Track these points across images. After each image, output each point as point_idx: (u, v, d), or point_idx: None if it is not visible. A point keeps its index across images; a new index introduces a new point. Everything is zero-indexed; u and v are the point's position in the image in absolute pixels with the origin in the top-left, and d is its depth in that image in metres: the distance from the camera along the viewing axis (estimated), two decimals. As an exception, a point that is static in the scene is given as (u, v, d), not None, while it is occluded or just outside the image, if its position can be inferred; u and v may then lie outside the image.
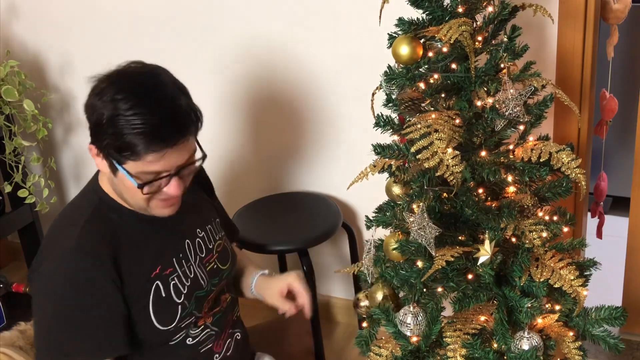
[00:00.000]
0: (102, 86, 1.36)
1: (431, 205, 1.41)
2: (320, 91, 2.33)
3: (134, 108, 1.32)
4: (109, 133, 1.34)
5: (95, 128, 1.38)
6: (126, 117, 1.31)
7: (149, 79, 1.39)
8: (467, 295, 1.46)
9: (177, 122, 1.37)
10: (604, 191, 2.30)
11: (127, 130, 1.32)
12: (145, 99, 1.34)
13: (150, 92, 1.36)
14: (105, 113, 1.33)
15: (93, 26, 2.59)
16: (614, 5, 2.02)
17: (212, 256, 1.63)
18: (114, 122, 1.32)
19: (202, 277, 1.58)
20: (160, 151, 1.34)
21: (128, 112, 1.31)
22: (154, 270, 1.49)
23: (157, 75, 1.40)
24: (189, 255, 1.57)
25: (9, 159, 2.46)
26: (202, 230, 1.63)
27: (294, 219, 2.29)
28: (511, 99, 1.36)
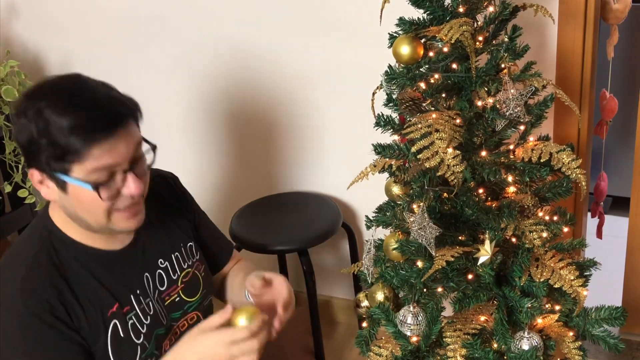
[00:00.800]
0: (23, 105, 1.29)
1: (431, 205, 1.41)
2: (321, 91, 2.33)
3: (61, 110, 1.25)
4: (45, 145, 1.26)
5: (29, 147, 1.29)
6: (56, 122, 1.24)
7: (70, 82, 1.33)
8: (467, 295, 1.46)
9: (111, 111, 1.29)
10: (604, 191, 2.30)
11: (61, 134, 1.24)
12: (71, 99, 1.28)
13: (74, 92, 1.30)
14: (33, 128, 1.26)
15: (93, 26, 2.58)
16: (614, 5, 2.02)
17: (175, 288, 1.52)
18: (45, 133, 1.25)
19: (161, 314, 1.47)
20: (102, 141, 1.26)
21: (56, 116, 1.24)
22: (110, 309, 1.39)
23: (77, 77, 1.35)
24: (148, 291, 1.46)
25: (9, 159, 2.46)
26: (165, 260, 1.52)
27: (294, 219, 2.29)
28: (512, 99, 1.36)
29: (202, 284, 1.57)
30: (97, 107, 1.28)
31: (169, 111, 2.59)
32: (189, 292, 1.54)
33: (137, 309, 1.44)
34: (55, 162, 1.27)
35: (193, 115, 2.57)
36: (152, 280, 1.48)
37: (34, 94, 1.30)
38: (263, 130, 2.49)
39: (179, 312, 1.52)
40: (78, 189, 1.30)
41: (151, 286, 1.47)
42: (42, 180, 1.33)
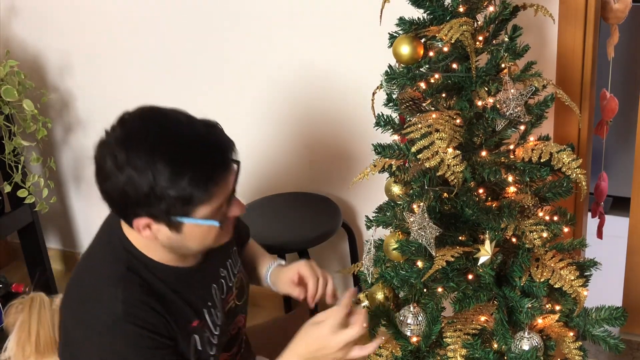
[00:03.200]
0: (124, 155, 1.24)
1: (431, 205, 1.41)
2: (320, 91, 2.33)
3: (179, 162, 1.23)
4: (164, 197, 1.23)
5: (141, 199, 1.25)
6: (176, 174, 1.22)
7: (170, 125, 1.30)
8: (467, 295, 1.46)
9: (222, 150, 1.30)
10: (604, 191, 2.29)
11: (183, 186, 1.23)
12: (184, 147, 1.25)
13: (181, 137, 1.27)
14: (148, 181, 1.22)
15: (93, 26, 2.58)
16: (614, 5, 2.02)
17: (232, 295, 1.55)
18: (165, 185, 1.23)
19: (224, 322, 1.51)
20: (221, 181, 1.28)
21: (175, 169, 1.22)
22: (191, 323, 1.42)
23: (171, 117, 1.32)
24: (215, 301, 1.48)
25: (8, 159, 2.46)
26: (224, 269, 1.54)
27: (294, 219, 2.29)
28: (512, 99, 1.36)
29: (246, 286, 1.62)
30: (211, 151, 1.28)
31: (169, 111, 2.59)
32: (240, 296, 1.58)
33: (209, 322, 1.46)
34: (175, 210, 1.26)
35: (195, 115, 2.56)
36: (218, 290, 1.50)
37: (135, 144, 1.24)
38: (262, 130, 2.48)
39: (233, 317, 1.56)
40: (195, 227, 1.30)
41: (217, 296, 1.49)
42: (149, 225, 1.30)
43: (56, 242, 3.14)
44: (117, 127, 1.30)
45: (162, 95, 2.56)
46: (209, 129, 1.32)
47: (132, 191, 1.24)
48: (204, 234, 1.34)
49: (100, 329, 1.33)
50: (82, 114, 2.76)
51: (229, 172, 1.30)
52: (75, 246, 3.12)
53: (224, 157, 1.30)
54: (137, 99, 2.73)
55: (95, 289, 1.37)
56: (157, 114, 1.32)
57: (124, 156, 1.24)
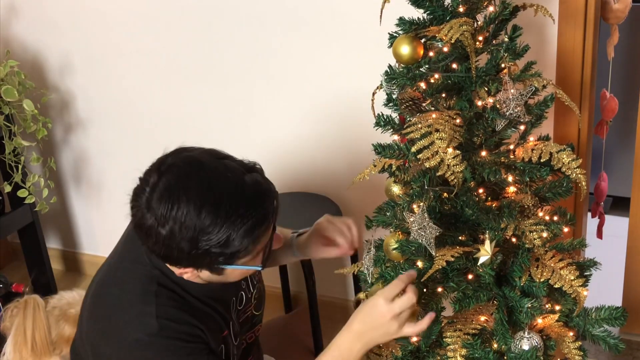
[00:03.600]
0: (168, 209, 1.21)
1: (431, 205, 1.41)
2: (320, 91, 2.33)
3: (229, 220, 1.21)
4: (211, 253, 1.23)
5: (187, 255, 1.24)
6: (224, 231, 1.21)
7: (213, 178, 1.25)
8: (467, 295, 1.46)
9: (265, 199, 1.27)
10: (604, 191, 2.29)
11: (231, 241, 1.22)
12: (232, 204, 1.22)
13: (227, 193, 1.23)
14: (193, 238, 1.21)
15: (93, 26, 2.58)
16: (614, 5, 2.02)
17: (250, 306, 1.55)
18: (214, 241, 1.21)
19: (239, 332, 1.52)
20: (269, 227, 1.28)
21: (223, 227, 1.21)
22: (222, 333, 1.43)
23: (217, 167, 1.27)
24: (232, 313, 1.49)
25: (8, 159, 2.46)
26: (244, 281, 1.53)
27: (294, 219, 2.29)
28: (512, 99, 1.36)
29: (263, 296, 1.61)
30: (255, 205, 1.25)
31: (169, 111, 2.59)
32: (258, 306, 1.58)
33: (232, 332, 1.47)
34: (219, 262, 1.26)
35: (193, 115, 2.57)
36: (237, 301, 1.50)
37: (176, 198, 1.21)
38: (262, 131, 2.48)
39: (248, 325, 1.56)
40: (237, 269, 1.31)
41: (235, 308, 1.50)
42: (191, 271, 1.30)
43: (56, 242, 3.14)
44: (154, 176, 1.25)
45: (162, 95, 2.57)
46: (250, 175, 1.28)
47: (176, 248, 1.23)
48: (244, 273, 1.36)
49: (134, 345, 1.32)
50: (82, 114, 2.76)
51: (271, 220, 1.29)
52: (75, 246, 3.12)
53: (267, 207, 1.27)
54: (137, 99, 2.74)
55: (125, 306, 1.35)
56: (196, 163, 1.26)
57: (165, 212, 1.21)
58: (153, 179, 1.24)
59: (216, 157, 1.29)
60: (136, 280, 1.37)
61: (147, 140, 2.67)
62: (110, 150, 2.78)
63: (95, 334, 1.39)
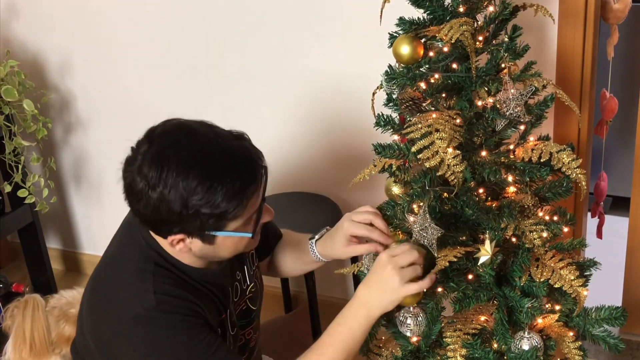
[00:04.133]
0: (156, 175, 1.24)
1: (431, 205, 1.41)
2: (320, 91, 2.33)
3: (214, 180, 1.24)
4: (199, 214, 1.25)
5: (175, 217, 1.25)
6: (211, 192, 1.23)
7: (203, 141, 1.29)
8: (467, 295, 1.46)
9: (254, 163, 1.31)
10: (604, 191, 2.29)
11: (218, 202, 1.24)
12: (217, 164, 1.26)
13: (214, 154, 1.27)
14: (182, 199, 1.23)
15: (93, 26, 2.58)
16: (614, 5, 2.02)
17: (244, 298, 1.56)
18: (200, 203, 1.24)
19: (237, 324, 1.53)
20: (253, 193, 1.30)
21: (209, 186, 1.23)
22: (221, 315, 1.45)
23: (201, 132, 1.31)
24: (229, 303, 1.50)
25: (8, 159, 2.46)
26: (240, 272, 1.55)
27: (294, 219, 2.29)
28: (512, 99, 1.36)
29: (260, 291, 1.61)
30: (242, 166, 1.29)
31: (170, 111, 2.58)
32: (254, 300, 1.58)
33: (229, 320, 1.48)
34: (209, 225, 1.27)
35: (193, 115, 2.56)
36: (232, 292, 1.51)
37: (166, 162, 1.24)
38: (263, 130, 2.49)
39: (245, 321, 1.56)
40: (228, 238, 1.32)
41: (231, 298, 1.50)
42: (182, 239, 1.32)
43: (56, 242, 3.15)
44: (145, 144, 1.29)
45: (162, 95, 2.57)
46: (238, 142, 1.32)
47: (165, 210, 1.25)
48: (236, 244, 1.36)
49: (133, 321, 1.33)
50: (82, 114, 2.77)
51: (259, 184, 1.31)
52: (75, 246, 3.12)
53: (255, 171, 1.31)
54: (137, 99, 2.74)
55: (123, 284, 1.37)
56: (185, 130, 1.31)
57: (155, 175, 1.24)
58: (144, 147, 1.28)
59: (205, 124, 1.33)
60: (133, 261, 1.39)
61: (147, 140, 2.67)
62: (110, 150, 2.77)
63: (95, 316, 1.40)
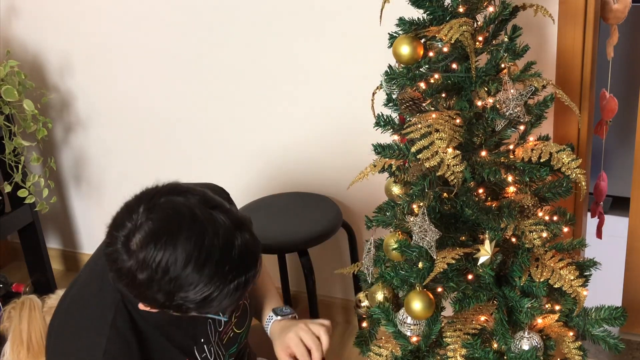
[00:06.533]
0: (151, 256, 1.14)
1: (431, 206, 1.41)
2: (320, 91, 2.33)
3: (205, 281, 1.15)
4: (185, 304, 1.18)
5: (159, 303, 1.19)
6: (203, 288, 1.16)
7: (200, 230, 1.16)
8: (467, 295, 1.46)
9: (252, 258, 1.22)
10: (603, 191, 2.30)
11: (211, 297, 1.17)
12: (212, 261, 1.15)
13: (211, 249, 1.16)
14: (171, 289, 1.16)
15: (93, 26, 2.58)
16: (614, 5, 2.02)
17: (230, 324, 1.50)
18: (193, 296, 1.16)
19: (220, 355, 1.47)
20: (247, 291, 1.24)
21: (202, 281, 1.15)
22: (187, 355, 1.40)
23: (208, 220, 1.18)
24: (210, 336, 1.45)
25: (8, 159, 2.46)
26: None
27: (294, 219, 2.29)
28: (512, 99, 1.36)
29: (249, 312, 1.56)
30: (242, 268, 1.19)
31: (170, 111, 2.59)
32: (240, 324, 1.54)
33: (200, 359, 1.43)
34: (189, 310, 1.21)
35: (194, 116, 2.57)
36: (213, 323, 1.45)
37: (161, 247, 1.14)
38: (263, 131, 2.49)
39: (235, 347, 1.52)
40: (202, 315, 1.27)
41: (212, 330, 1.45)
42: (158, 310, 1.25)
43: (56, 242, 3.15)
44: (140, 214, 1.17)
45: (162, 95, 2.57)
46: (240, 235, 1.21)
47: (150, 294, 1.17)
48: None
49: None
50: (82, 114, 2.77)
51: (253, 283, 1.24)
52: (75, 246, 3.12)
53: (252, 271, 1.22)
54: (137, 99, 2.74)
55: (80, 331, 1.32)
56: (186, 213, 1.18)
57: (147, 257, 1.14)
58: (140, 218, 1.16)
59: (208, 206, 1.21)
60: (95, 307, 1.33)
61: (147, 140, 2.67)
62: (110, 150, 2.78)
63: (50, 350, 1.36)
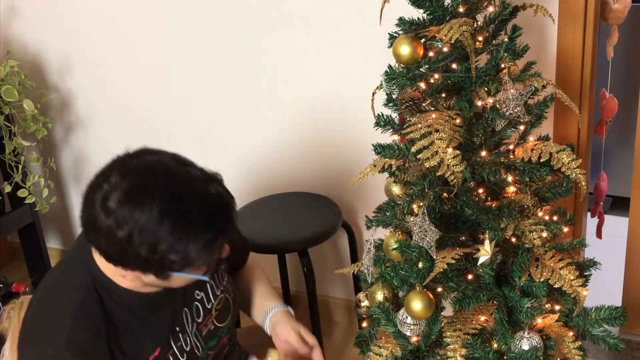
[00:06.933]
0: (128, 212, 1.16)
1: (431, 206, 1.41)
2: (320, 91, 2.33)
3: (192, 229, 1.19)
4: (166, 259, 1.20)
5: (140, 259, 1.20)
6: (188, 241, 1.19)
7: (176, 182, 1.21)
8: (467, 295, 1.46)
9: (228, 212, 1.26)
10: (603, 191, 2.30)
11: (190, 247, 1.19)
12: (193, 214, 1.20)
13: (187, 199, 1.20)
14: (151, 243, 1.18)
15: (93, 26, 2.58)
16: (614, 5, 2.02)
17: (210, 317, 1.50)
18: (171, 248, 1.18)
19: (198, 346, 1.46)
20: (225, 241, 1.28)
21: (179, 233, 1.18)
22: (152, 354, 1.37)
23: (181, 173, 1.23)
24: (186, 326, 1.44)
25: (8, 159, 2.46)
26: (200, 291, 1.48)
27: (294, 219, 2.29)
28: (512, 99, 1.36)
29: (232, 306, 1.56)
30: (216, 218, 1.23)
31: (170, 111, 2.59)
32: (221, 317, 1.53)
33: (175, 348, 1.42)
34: (172, 268, 1.23)
35: (193, 116, 2.57)
36: (190, 314, 1.45)
37: (139, 202, 1.17)
38: (263, 131, 2.49)
39: (215, 340, 1.51)
40: (184, 277, 1.28)
41: (189, 320, 1.45)
42: (136, 274, 1.26)
43: (56, 242, 3.15)
44: (116, 176, 1.20)
45: (162, 96, 2.57)
46: (213, 186, 1.25)
47: (131, 252, 1.19)
48: (189, 280, 1.31)
49: (42, 355, 1.29)
50: (82, 114, 2.77)
51: (230, 234, 1.27)
52: (75, 246, 3.12)
53: (228, 221, 1.25)
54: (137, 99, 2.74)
55: (47, 314, 1.32)
56: (161, 168, 1.23)
57: (125, 214, 1.17)
58: (115, 179, 1.19)
59: (180, 163, 1.25)
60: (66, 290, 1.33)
61: (147, 140, 2.66)
62: (110, 150, 2.75)
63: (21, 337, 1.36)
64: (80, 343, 1.27)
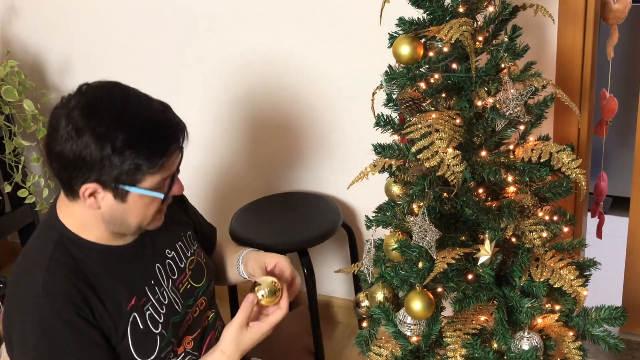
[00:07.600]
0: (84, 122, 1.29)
1: (431, 206, 1.41)
2: (320, 91, 2.33)
3: (137, 131, 1.31)
4: (119, 162, 1.29)
5: (95, 164, 1.30)
6: (134, 141, 1.30)
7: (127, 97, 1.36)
8: (467, 295, 1.46)
9: (176, 125, 1.38)
10: (604, 191, 2.30)
11: (140, 152, 1.30)
12: (140, 119, 1.33)
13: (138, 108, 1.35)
14: (104, 146, 1.28)
15: (93, 26, 2.59)
16: (614, 5, 2.02)
17: (185, 276, 1.58)
18: (121, 151, 1.29)
19: (177, 301, 1.54)
20: (173, 152, 1.36)
21: (132, 136, 1.29)
22: (129, 302, 1.44)
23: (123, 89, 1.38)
24: (161, 280, 1.52)
25: (9, 159, 2.46)
26: (171, 250, 1.58)
27: (294, 219, 2.29)
28: (512, 99, 1.36)
29: (205, 270, 1.65)
30: (166, 128, 1.36)
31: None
32: (196, 278, 1.61)
33: (153, 299, 1.49)
34: (127, 177, 1.32)
35: (193, 116, 2.56)
36: (163, 270, 1.53)
37: (97, 112, 1.30)
38: (263, 131, 2.49)
39: (192, 299, 1.58)
40: (139, 197, 1.36)
41: (164, 276, 1.53)
42: (94, 192, 1.35)
43: (56, 242, 3.14)
44: (78, 95, 1.33)
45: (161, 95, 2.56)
46: (165, 108, 1.38)
47: (88, 156, 1.29)
48: (145, 206, 1.38)
49: (25, 312, 1.36)
50: (82, 114, 2.76)
51: (178, 149, 1.37)
52: (75, 246, 3.12)
53: (178, 133, 1.37)
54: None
55: (24, 275, 1.40)
56: (119, 88, 1.37)
57: (84, 123, 1.28)
58: (76, 97, 1.33)
59: (137, 90, 1.40)
60: (35, 250, 1.44)
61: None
62: (110, 150, 2.78)
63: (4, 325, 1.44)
64: (53, 290, 1.35)
